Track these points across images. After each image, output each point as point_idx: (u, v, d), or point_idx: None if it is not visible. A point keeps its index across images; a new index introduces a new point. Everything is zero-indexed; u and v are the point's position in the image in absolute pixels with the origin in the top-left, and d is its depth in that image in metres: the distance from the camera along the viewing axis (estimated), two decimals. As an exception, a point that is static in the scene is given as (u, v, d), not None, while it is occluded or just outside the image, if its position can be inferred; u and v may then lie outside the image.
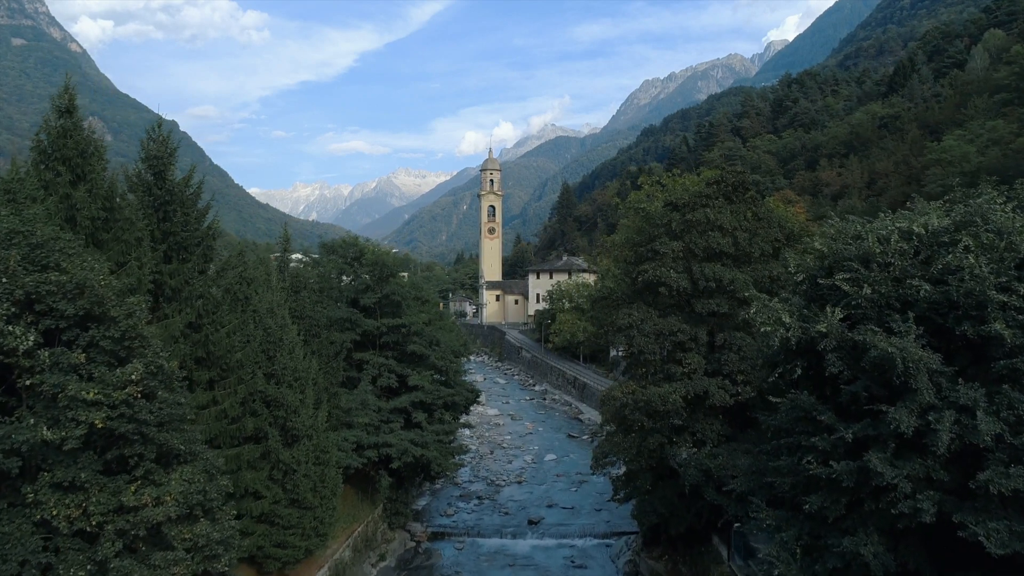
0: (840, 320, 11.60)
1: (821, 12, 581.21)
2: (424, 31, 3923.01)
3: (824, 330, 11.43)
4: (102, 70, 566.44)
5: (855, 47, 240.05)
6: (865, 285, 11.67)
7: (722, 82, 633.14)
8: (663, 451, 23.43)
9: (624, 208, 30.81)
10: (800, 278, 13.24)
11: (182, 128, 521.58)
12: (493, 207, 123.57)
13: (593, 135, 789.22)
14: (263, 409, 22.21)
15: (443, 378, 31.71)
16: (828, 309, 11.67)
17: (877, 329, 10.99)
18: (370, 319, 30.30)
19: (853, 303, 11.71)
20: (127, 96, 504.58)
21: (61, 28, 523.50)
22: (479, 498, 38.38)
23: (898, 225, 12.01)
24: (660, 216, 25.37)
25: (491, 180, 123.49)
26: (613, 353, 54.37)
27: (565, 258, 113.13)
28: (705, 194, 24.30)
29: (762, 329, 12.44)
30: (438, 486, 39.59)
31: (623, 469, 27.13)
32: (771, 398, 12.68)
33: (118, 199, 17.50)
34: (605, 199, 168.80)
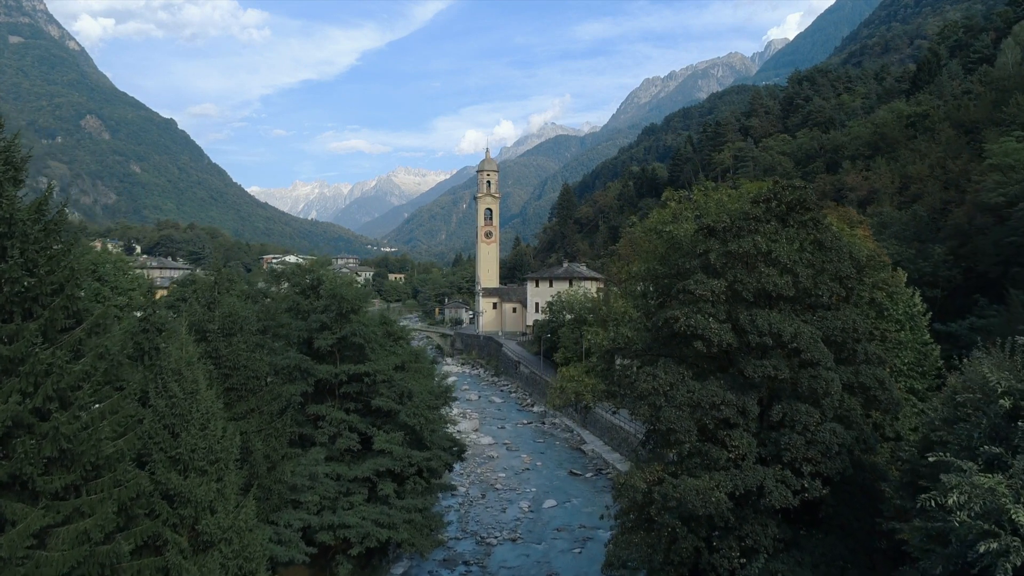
0: None
1: (822, 11, 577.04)
2: (426, 29, 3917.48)
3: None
4: (101, 68, 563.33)
5: (859, 45, 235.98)
6: None
7: (722, 81, 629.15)
8: (699, 558, 17.71)
9: (645, 231, 25.08)
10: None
11: (181, 127, 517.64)
12: (490, 210, 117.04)
13: (593, 133, 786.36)
14: (163, 508, 16.59)
15: (418, 433, 25.91)
16: None
17: None
18: (327, 364, 24.53)
19: None
20: (125, 94, 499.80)
21: (59, 26, 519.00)
22: (466, 563, 32.58)
23: None
24: (692, 243, 19.55)
25: (488, 182, 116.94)
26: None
27: (566, 264, 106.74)
28: (752, 216, 18.46)
29: (981, 547, 6.52)
30: (418, 546, 33.81)
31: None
32: None
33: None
34: (607, 201, 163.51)
